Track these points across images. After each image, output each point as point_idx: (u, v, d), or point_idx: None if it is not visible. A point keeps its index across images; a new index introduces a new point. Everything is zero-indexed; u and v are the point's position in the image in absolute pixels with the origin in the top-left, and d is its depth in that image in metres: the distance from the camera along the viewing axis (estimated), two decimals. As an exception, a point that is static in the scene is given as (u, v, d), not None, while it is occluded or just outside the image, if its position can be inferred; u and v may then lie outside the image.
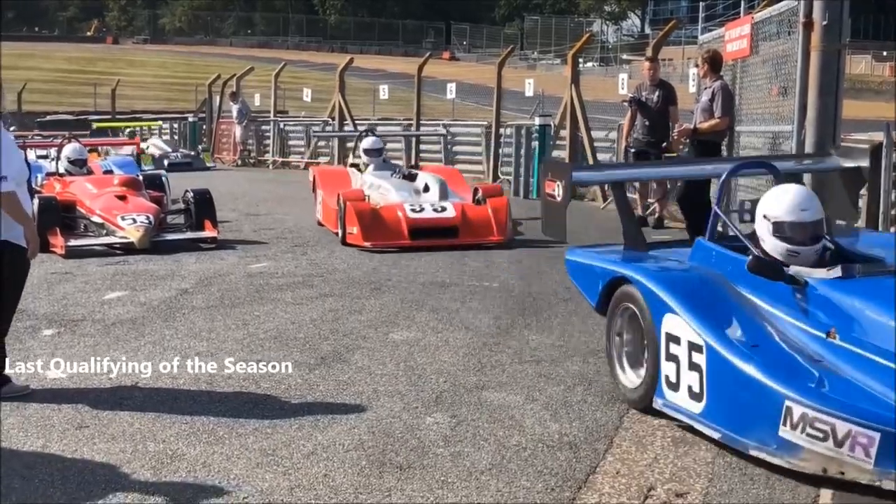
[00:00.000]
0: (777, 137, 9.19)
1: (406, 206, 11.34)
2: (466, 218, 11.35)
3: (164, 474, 4.51)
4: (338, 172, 13.89)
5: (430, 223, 11.21)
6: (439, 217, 11.31)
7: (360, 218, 11.04)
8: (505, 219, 11.31)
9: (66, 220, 11.34)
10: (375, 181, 12.36)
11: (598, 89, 26.05)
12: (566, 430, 5.03)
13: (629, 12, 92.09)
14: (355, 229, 11.00)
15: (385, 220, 11.16)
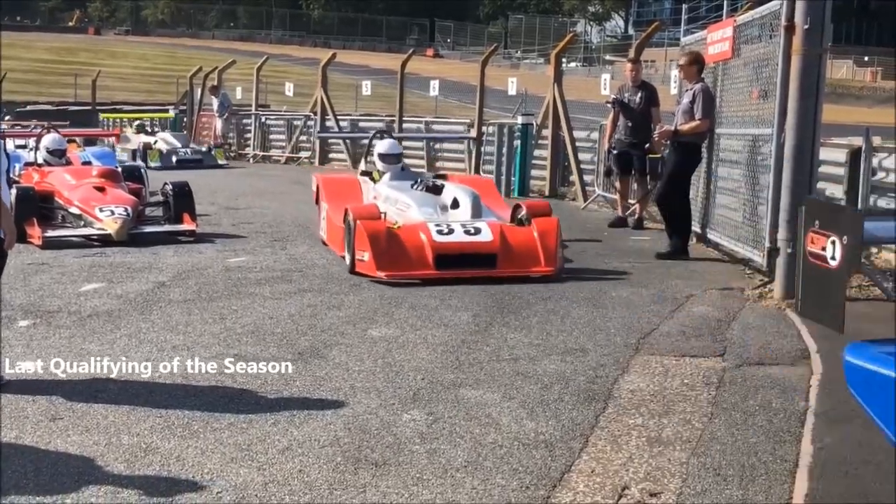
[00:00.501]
0: (757, 140, 9.22)
1: (431, 227, 9.24)
2: (506, 243, 9.18)
3: (137, 467, 4.48)
4: (346, 182, 11.62)
5: (461, 248, 9.08)
6: (473, 241, 9.15)
7: (374, 241, 8.92)
8: (555, 245, 9.18)
9: (44, 210, 11.29)
10: (393, 194, 10.32)
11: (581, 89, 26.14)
12: (542, 429, 5.03)
13: (613, 13, 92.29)
14: (367, 255, 8.89)
15: (405, 245, 9.05)
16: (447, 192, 10.20)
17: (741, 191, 9.71)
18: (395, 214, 9.73)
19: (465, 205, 9.84)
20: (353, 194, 10.90)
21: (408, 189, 10.34)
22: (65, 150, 13.35)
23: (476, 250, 9.10)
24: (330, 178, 12.00)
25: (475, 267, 8.95)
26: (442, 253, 8.99)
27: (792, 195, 8.02)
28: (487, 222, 9.46)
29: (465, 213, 9.74)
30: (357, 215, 9.23)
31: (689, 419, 5.19)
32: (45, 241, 10.60)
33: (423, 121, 23.06)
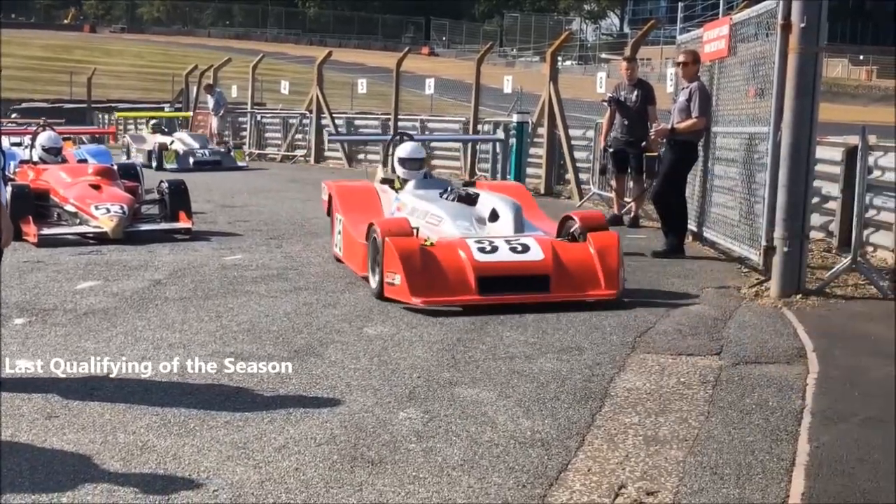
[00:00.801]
0: (753, 139, 9.22)
1: (471, 244, 8.02)
2: (559, 262, 7.97)
3: (133, 465, 4.47)
4: (363, 191, 10.21)
5: (507, 269, 7.85)
6: (520, 260, 7.93)
7: (407, 262, 7.74)
8: (616, 264, 7.99)
9: (40, 208, 11.27)
10: (420, 205, 9.11)
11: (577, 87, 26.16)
12: (538, 427, 5.03)
13: (608, 11, 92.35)
14: (398, 278, 7.73)
15: (442, 266, 7.84)
16: (483, 202, 9.02)
17: (737, 189, 9.70)
18: (425, 229, 8.54)
19: (506, 217, 8.66)
20: (371, 205, 9.76)
21: (437, 199, 9.17)
22: (60, 147, 13.32)
23: (525, 271, 7.88)
24: (345, 186, 10.43)
25: (524, 291, 7.77)
26: (486, 275, 7.76)
27: (788, 194, 8.03)
28: (535, 238, 8.26)
29: (506, 227, 8.56)
30: (385, 231, 7.99)
31: (686, 418, 5.19)
32: (41, 238, 10.58)
33: (419, 119, 23.06)
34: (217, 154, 22.73)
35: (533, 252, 8.00)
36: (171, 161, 21.79)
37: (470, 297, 7.69)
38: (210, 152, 22.63)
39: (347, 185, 10.61)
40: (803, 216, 8.11)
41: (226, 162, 22.55)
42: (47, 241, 10.61)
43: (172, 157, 21.91)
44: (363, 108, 29.87)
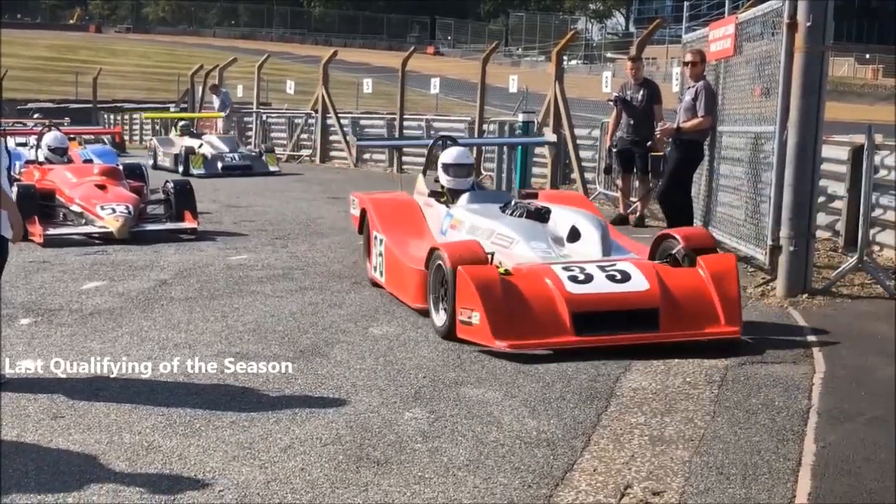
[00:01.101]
0: (759, 138, 9.20)
1: (559, 272, 6.69)
2: (669, 293, 6.61)
3: (139, 466, 4.48)
4: (403, 205, 9.03)
5: (608, 303, 6.50)
6: (623, 291, 6.57)
7: (487, 297, 6.38)
8: (737, 294, 6.71)
9: (45, 208, 11.29)
10: (481, 222, 7.86)
11: (582, 87, 26.12)
12: (544, 427, 5.02)
13: (614, 10, 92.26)
14: (477, 316, 6.37)
15: (527, 299, 6.49)
16: (558, 218, 7.70)
17: (743, 188, 9.69)
18: (492, 251, 7.18)
19: (591, 236, 7.33)
20: (415, 222, 8.67)
21: (499, 214, 7.97)
22: (66, 148, 13.35)
23: (629, 305, 6.52)
24: (382, 199, 9.22)
25: (630, 329, 6.44)
26: (582, 310, 6.43)
27: (794, 193, 8.01)
28: (633, 262, 6.93)
29: (591, 249, 7.23)
30: (456, 258, 6.67)
31: (692, 418, 5.18)
32: (47, 239, 10.60)
33: (424, 118, 23.05)
34: (248, 158, 21.19)
35: (636, 280, 6.63)
36: (198, 166, 20.38)
37: (565, 338, 6.35)
38: (240, 156, 21.13)
39: (384, 198, 9.32)
40: (809, 215, 8.09)
41: (257, 167, 20.92)
42: (53, 241, 10.63)
43: (200, 162, 20.50)
44: (368, 108, 29.86)
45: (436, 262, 6.99)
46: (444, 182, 8.76)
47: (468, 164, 8.92)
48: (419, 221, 8.70)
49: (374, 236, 8.61)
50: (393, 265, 8.03)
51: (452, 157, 8.80)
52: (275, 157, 21.63)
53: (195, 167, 20.31)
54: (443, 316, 6.82)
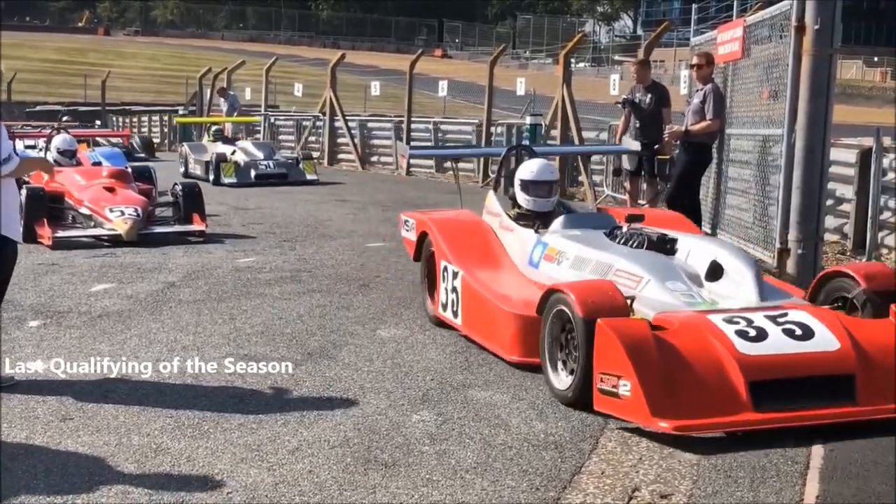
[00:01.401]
0: (767, 141, 9.20)
1: (722, 325, 5.23)
2: (863, 354, 5.18)
3: (148, 468, 4.49)
4: (475, 228, 7.63)
5: (792, 368, 5.08)
6: (808, 352, 5.15)
7: (641, 361, 4.93)
8: None
9: (54, 210, 11.31)
10: (587, 253, 6.44)
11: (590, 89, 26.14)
12: (552, 430, 5.02)
13: (621, 13, 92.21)
14: (627, 387, 4.93)
15: (691, 364, 5.04)
16: (690, 249, 6.25)
17: (751, 191, 9.68)
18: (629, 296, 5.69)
19: (743, 275, 5.89)
20: (493, 250, 7.33)
21: (609, 244, 6.56)
22: (75, 150, 13.38)
23: (819, 370, 5.09)
24: (447, 221, 7.80)
25: (822, 401, 4.99)
26: (761, 378, 4.98)
27: (803, 196, 8.01)
28: (807, 310, 5.51)
29: (744, 291, 5.79)
30: (590, 305, 5.25)
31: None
32: (56, 241, 10.63)
33: (432, 121, 23.08)
34: (283, 166, 19.42)
35: (822, 337, 5.20)
36: (229, 174, 18.73)
37: (743, 415, 4.90)
38: (275, 164, 19.38)
39: (449, 219, 7.90)
40: (818, 218, 8.09)
41: (293, 175, 19.20)
42: (62, 243, 10.65)
43: (231, 170, 18.81)
44: (376, 111, 29.90)
45: (555, 307, 5.56)
46: (523, 202, 7.29)
47: (552, 180, 7.35)
48: (497, 250, 7.33)
49: (442, 267, 7.19)
50: (476, 305, 6.62)
51: (534, 172, 7.26)
52: (313, 165, 19.90)
53: (226, 175, 18.74)
54: (566, 379, 5.45)
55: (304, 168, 19.46)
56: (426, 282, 7.62)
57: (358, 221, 13.35)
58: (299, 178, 19.12)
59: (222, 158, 19.07)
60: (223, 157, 19.15)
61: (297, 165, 19.57)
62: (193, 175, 19.33)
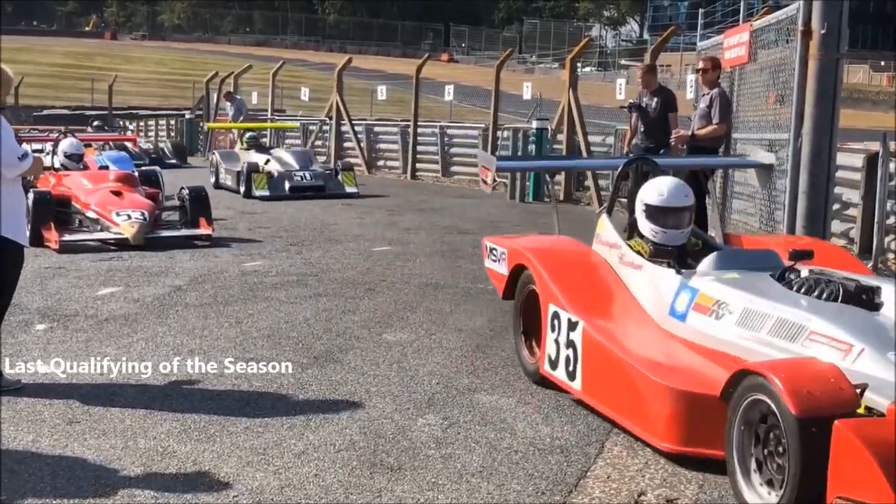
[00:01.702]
0: (773, 145, 9.18)
1: None
2: None
3: (154, 471, 4.50)
4: (584, 260, 6.28)
5: None
6: None
7: None
8: None
9: (61, 214, 11.33)
10: (765, 307, 4.82)
11: (596, 94, 26.13)
12: (557, 434, 5.02)
13: (628, 18, 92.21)
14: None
15: None
16: None
17: (758, 196, 9.67)
18: None
19: None
20: (613, 290, 5.87)
21: (785, 292, 4.94)
22: (82, 154, 13.39)
23: None
24: (549, 251, 6.47)
25: None
26: None
27: (809, 200, 7.99)
28: None
29: None
30: (808, 401, 3.85)
31: (706, 425, 5.16)
32: (62, 244, 10.64)
33: (438, 125, 23.09)
34: (321, 177, 17.66)
35: None
36: (261, 186, 17.07)
37: None
38: (312, 175, 17.59)
39: (555, 250, 6.49)
40: (824, 223, 8.08)
41: (332, 187, 17.52)
42: (68, 247, 10.67)
43: (263, 182, 17.12)
44: (382, 115, 29.93)
45: (748, 395, 4.18)
46: (649, 233, 5.79)
47: (688, 206, 5.77)
48: (622, 293, 5.85)
49: (551, 313, 5.81)
50: (607, 369, 5.21)
51: (664, 195, 5.73)
52: (353, 177, 17.90)
53: (258, 188, 17.05)
54: (771, 495, 4.07)
55: (343, 180, 17.64)
56: (521, 326, 6.36)
57: (364, 226, 13.37)
58: (338, 190, 17.40)
59: (254, 168, 17.36)
60: (255, 167, 17.44)
61: (335, 177, 17.82)
62: (224, 186, 18.14)
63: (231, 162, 18.76)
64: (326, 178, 17.69)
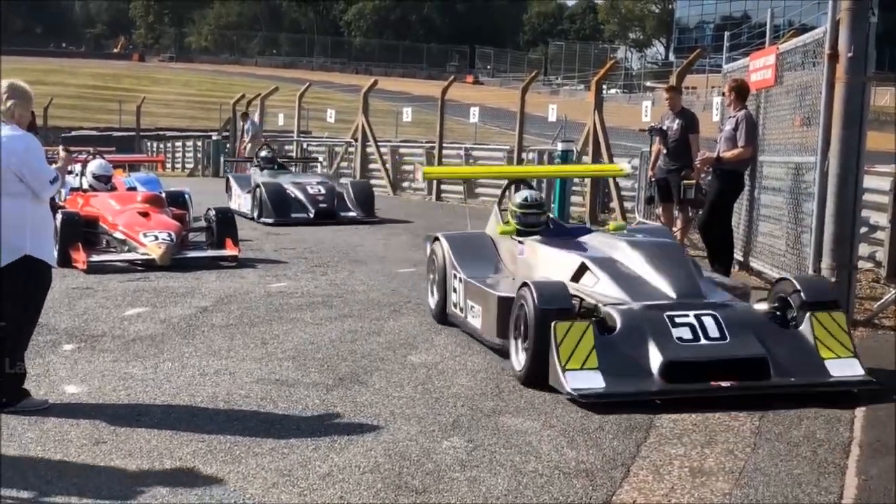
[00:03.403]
0: (800, 168, 9.16)
1: None
2: None
3: (180, 492, 4.50)
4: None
5: None
6: None
7: None
8: None
9: (89, 235, 11.40)
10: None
11: (622, 116, 26.12)
12: (583, 458, 5.00)
13: (654, 40, 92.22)
14: None
15: None
16: None
17: (784, 218, 9.64)
18: None
19: None
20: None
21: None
22: (111, 175, 13.42)
23: None
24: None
25: None
26: None
27: (836, 223, 7.96)
28: None
29: None
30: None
31: (732, 449, 5.14)
32: (90, 265, 10.71)
33: (463, 147, 23.14)
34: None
35: None
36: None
37: None
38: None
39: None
40: (851, 246, 8.03)
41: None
42: (96, 267, 10.74)
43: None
44: (408, 136, 30.02)
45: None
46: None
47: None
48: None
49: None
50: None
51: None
52: None
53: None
54: None
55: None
56: None
57: (389, 247, 13.39)
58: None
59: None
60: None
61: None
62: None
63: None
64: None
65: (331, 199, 16.67)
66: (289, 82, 44.01)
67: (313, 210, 16.38)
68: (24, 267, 5.59)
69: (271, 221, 16.03)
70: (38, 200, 5.73)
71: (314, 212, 16.35)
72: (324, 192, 16.78)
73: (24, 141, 5.75)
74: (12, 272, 5.55)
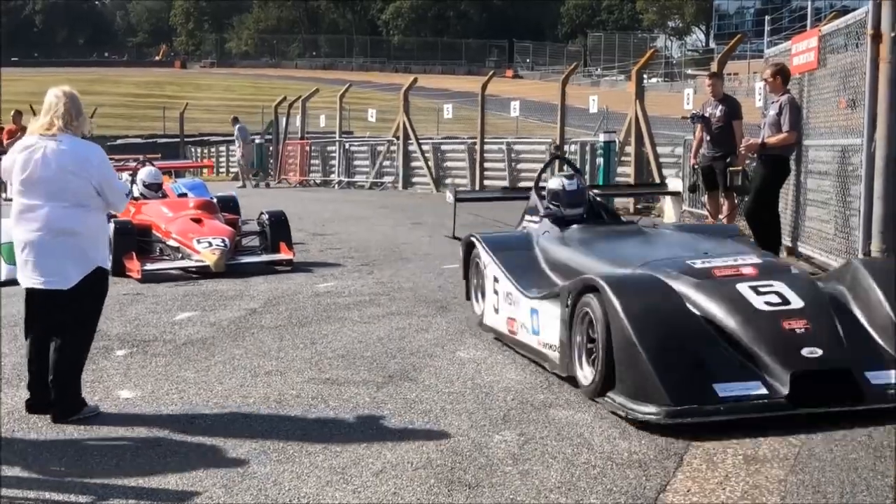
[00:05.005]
0: (846, 151, 9.06)
1: None
2: None
3: (235, 493, 4.55)
4: None
5: None
6: None
7: None
8: None
9: (142, 243, 11.32)
10: None
11: (663, 105, 25.92)
12: (635, 448, 4.99)
13: (693, 27, 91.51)
14: None
15: None
16: None
17: (832, 202, 9.54)
18: None
19: None
20: None
21: None
22: (161, 183, 13.30)
23: None
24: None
25: None
26: None
27: (885, 205, 7.88)
28: None
29: None
30: None
31: (786, 436, 5.10)
32: (145, 274, 10.65)
33: (505, 141, 23.13)
34: None
35: None
36: None
37: None
38: None
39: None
40: (901, 228, 7.95)
41: None
42: (151, 276, 10.67)
43: None
44: (449, 133, 30.05)
45: None
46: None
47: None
48: None
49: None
50: None
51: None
52: None
53: None
54: None
55: None
56: None
57: (434, 244, 13.40)
58: None
59: None
60: None
61: None
62: None
63: None
64: None
65: None
66: (329, 83, 44.25)
67: None
68: (94, 277, 5.65)
69: None
70: (100, 210, 5.74)
71: None
72: None
73: (98, 153, 5.73)
74: (82, 284, 5.62)
